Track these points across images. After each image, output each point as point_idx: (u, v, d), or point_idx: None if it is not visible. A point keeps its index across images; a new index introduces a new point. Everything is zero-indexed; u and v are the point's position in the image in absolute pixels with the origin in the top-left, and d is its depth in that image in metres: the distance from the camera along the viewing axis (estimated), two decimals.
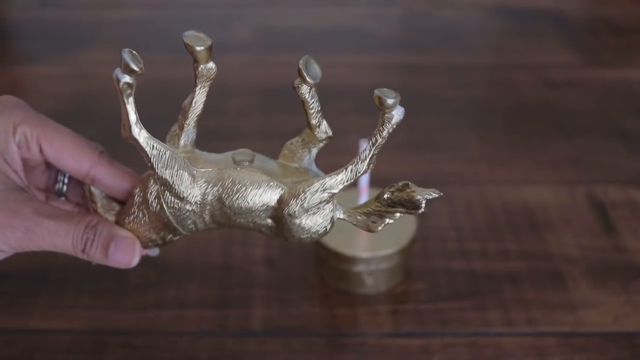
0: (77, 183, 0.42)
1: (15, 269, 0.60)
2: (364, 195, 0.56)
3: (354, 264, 0.56)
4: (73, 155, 0.39)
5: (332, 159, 0.47)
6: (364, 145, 0.53)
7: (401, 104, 0.33)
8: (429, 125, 0.79)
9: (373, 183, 0.57)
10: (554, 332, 0.54)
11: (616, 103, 0.83)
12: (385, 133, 0.34)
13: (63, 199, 0.43)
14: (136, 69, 0.32)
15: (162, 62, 0.89)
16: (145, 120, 0.37)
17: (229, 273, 0.60)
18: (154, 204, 0.37)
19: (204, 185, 0.36)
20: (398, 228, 0.57)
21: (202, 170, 0.36)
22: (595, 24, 1.02)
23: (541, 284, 0.58)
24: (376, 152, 0.35)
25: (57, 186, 0.42)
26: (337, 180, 0.35)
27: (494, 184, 0.69)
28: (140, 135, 0.34)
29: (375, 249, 0.55)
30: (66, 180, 0.42)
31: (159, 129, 0.40)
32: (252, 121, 0.79)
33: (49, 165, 0.42)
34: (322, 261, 0.58)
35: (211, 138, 0.75)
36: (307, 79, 0.35)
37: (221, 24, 1.01)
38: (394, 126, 0.34)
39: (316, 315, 0.56)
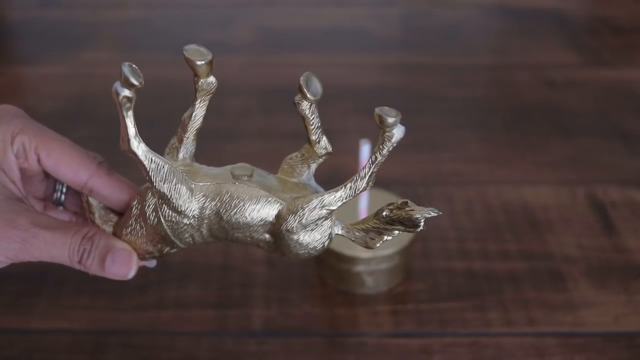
0: (76, 192, 0.42)
1: (15, 269, 0.59)
2: (363, 199, 0.56)
3: (354, 264, 0.56)
4: (71, 166, 0.39)
5: (332, 159, 0.47)
6: (364, 145, 0.53)
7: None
8: (429, 125, 0.79)
9: (372, 184, 0.57)
10: (554, 332, 0.54)
11: (616, 103, 0.83)
12: (385, 151, 0.34)
13: (61, 208, 0.43)
14: (136, 83, 0.32)
15: (161, 62, 0.89)
16: (145, 120, 0.37)
17: (229, 273, 0.60)
18: (152, 217, 0.37)
19: (202, 199, 0.36)
20: None
21: (201, 184, 0.36)
22: (595, 24, 1.02)
23: (541, 284, 0.58)
24: (376, 169, 0.35)
25: (55, 195, 0.42)
26: (335, 198, 0.35)
27: (494, 184, 0.69)
28: (139, 148, 0.34)
29: (375, 249, 0.55)
30: (64, 190, 0.42)
31: (159, 128, 0.40)
32: (252, 121, 0.79)
33: (47, 174, 0.42)
34: (322, 261, 0.58)
35: (211, 138, 0.75)
36: (308, 95, 0.35)
37: (221, 24, 1.01)
38: (394, 144, 0.34)
39: (316, 315, 0.56)
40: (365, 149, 0.53)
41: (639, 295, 0.57)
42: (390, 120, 0.33)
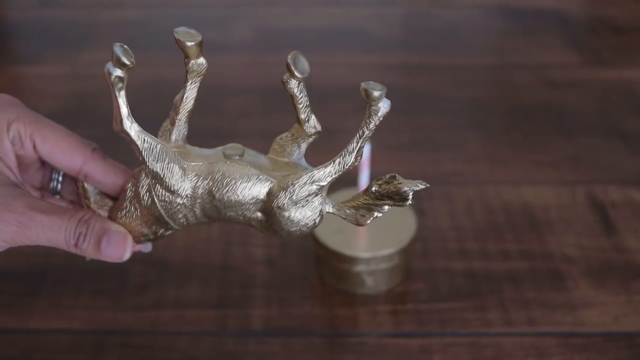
0: (72, 181, 0.43)
1: (15, 269, 0.60)
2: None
3: (354, 264, 0.55)
4: (66, 152, 0.40)
5: (332, 158, 0.46)
6: (366, 147, 0.53)
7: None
8: (429, 125, 0.79)
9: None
10: (554, 332, 0.54)
11: (616, 103, 0.83)
12: (372, 125, 0.35)
13: (58, 197, 0.43)
14: (127, 62, 0.32)
15: (161, 62, 0.89)
16: (145, 120, 0.37)
17: (229, 273, 0.60)
18: (146, 198, 0.37)
19: (194, 178, 0.36)
20: (398, 228, 0.57)
21: (193, 164, 0.36)
22: (595, 24, 1.02)
23: (541, 284, 0.58)
24: (363, 144, 0.36)
25: (51, 184, 0.43)
26: (325, 173, 0.36)
27: (494, 184, 0.69)
28: (132, 128, 0.34)
29: (375, 249, 0.55)
30: (60, 179, 0.43)
31: (158, 128, 0.40)
32: (252, 121, 0.79)
33: (43, 163, 0.42)
34: (322, 261, 0.58)
35: (211, 138, 0.75)
36: (296, 73, 0.36)
37: (221, 24, 1.01)
38: (381, 118, 0.34)
39: (316, 315, 0.56)
40: (365, 149, 0.53)
41: (639, 295, 0.57)
42: (376, 93, 0.33)
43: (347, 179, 0.43)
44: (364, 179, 0.55)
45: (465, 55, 0.93)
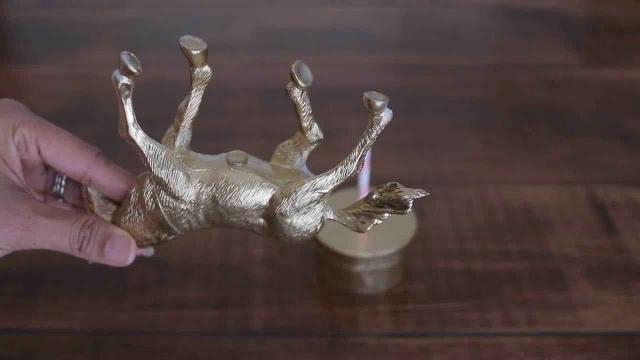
0: (74, 185, 0.43)
1: (15, 269, 0.60)
2: (364, 195, 0.56)
3: (354, 264, 0.55)
4: (70, 157, 0.40)
5: (332, 158, 0.47)
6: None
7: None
8: (429, 125, 0.79)
9: (373, 183, 0.57)
10: (554, 332, 0.54)
11: (616, 103, 0.83)
12: (374, 135, 0.35)
13: (60, 200, 0.43)
14: (134, 70, 0.33)
15: (161, 63, 0.89)
16: (144, 121, 0.37)
17: (228, 273, 0.60)
18: (150, 203, 0.37)
19: (198, 185, 0.37)
20: (398, 228, 0.57)
21: (197, 170, 0.37)
22: (595, 24, 1.02)
23: (541, 284, 0.58)
24: (365, 153, 0.36)
25: (54, 188, 0.43)
26: (327, 181, 0.36)
27: (494, 184, 0.69)
28: (137, 135, 0.34)
29: (375, 249, 0.55)
30: (63, 183, 0.43)
31: (158, 129, 0.41)
32: (252, 121, 0.79)
33: (47, 167, 0.43)
34: (322, 261, 0.58)
35: (211, 138, 0.75)
36: (299, 82, 0.36)
37: (221, 24, 1.01)
38: (383, 128, 0.35)
39: (316, 315, 0.56)
40: None
41: (639, 295, 0.57)
42: (379, 103, 0.34)
43: (347, 179, 0.43)
44: (363, 179, 0.56)
45: (465, 55, 0.93)
